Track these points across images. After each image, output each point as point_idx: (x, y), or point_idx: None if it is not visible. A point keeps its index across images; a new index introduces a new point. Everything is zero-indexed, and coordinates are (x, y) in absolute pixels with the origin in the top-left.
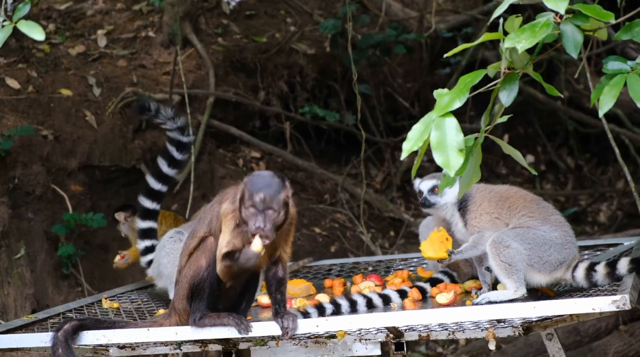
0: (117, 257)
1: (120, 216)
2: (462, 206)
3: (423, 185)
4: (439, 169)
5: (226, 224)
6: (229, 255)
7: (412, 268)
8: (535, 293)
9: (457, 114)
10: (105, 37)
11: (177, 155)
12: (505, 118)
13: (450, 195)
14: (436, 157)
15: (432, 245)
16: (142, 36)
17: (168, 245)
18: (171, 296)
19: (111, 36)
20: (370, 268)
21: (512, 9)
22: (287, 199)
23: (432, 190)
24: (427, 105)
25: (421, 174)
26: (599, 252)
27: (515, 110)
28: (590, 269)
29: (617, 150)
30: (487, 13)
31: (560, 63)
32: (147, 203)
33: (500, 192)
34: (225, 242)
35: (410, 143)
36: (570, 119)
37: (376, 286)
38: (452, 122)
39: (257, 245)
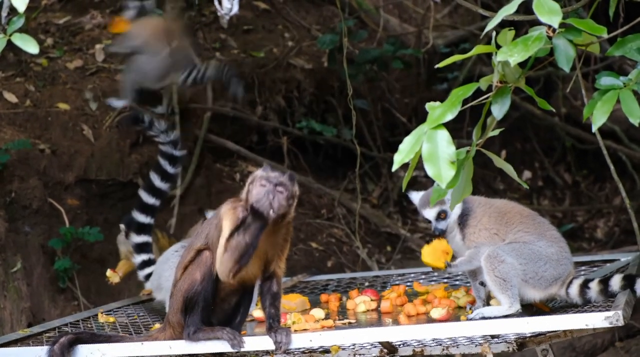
0: (109, 272)
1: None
2: (463, 220)
3: (429, 213)
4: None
5: (227, 219)
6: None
7: (408, 283)
8: (530, 309)
9: (454, 130)
10: (103, 51)
11: (169, 169)
12: (497, 131)
13: (454, 215)
14: (428, 169)
15: (434, 252)
16: None
17: (172, 258)
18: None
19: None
20: (367, 283)
21: (510, 24)
22: (296, 194)
23: (439, 216)
24: (424, 120)
25: (416, 188)
26: (595, 268)
27: (513, 126)
28: (584, 285)
29: (612, 167)
30: (485, 29)
31: (558, 79)
32: (141, 218)
33: (499, 207)
34: (225, 237)
35: (402, 155)
36: (568, 135)
37: (372, 300)
38: (443, 135)
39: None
